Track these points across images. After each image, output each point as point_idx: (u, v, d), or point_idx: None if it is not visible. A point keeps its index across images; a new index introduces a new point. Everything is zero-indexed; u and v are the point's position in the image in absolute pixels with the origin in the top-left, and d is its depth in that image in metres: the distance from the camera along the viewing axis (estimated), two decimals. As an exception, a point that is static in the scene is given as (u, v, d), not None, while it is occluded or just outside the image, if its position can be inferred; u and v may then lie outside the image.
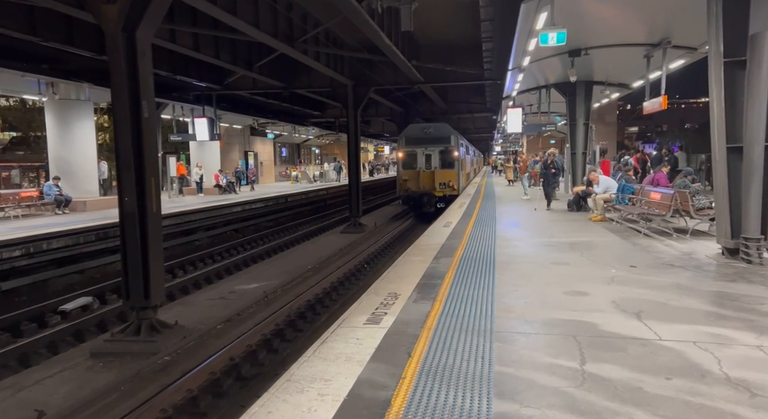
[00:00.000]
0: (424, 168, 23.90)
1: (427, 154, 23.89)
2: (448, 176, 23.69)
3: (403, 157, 24.39)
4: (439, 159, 23.90)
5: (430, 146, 23.93)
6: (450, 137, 23.99)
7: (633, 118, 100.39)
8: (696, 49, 13.70)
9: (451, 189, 23.50)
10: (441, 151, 23.87)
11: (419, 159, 23.98)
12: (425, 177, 23.79)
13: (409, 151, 24.20)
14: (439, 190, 23.60)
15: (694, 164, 24.00)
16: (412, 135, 24.44)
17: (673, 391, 3.68)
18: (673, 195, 10.42)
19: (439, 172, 23.77)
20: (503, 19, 12.97)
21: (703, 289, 6.47)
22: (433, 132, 24.18)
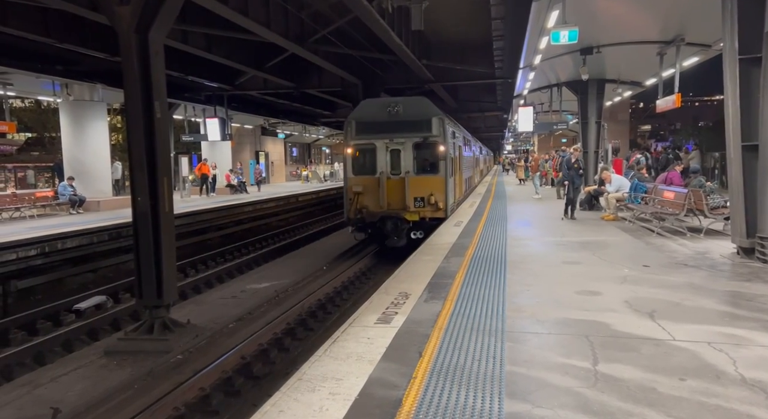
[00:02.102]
0: (388, 173, 14.10)
1: (394, 149, 14.12)
2: (428, 187, 14.05)
3: (353, 154, 14.43)
4: (414, 158, 14.11)
5: (399, 135, 14.04)
6: (431, 121, 13.98)
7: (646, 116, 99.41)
8: (710, 47, 13.52)
9: (433, 208, 13.94)
10: (417, 144, 14.08)
11: (380, 158, 14.15)
12: (391, 189, 14.09)
13: (362, 144, 14.32)
14: (413, 210, 13.93)
15: (708, 162, 23.71)
16: (368, 117, 14.33)
17: (688, 392, 3.64)
18: (687, 194, 10.30)
19: (413, 180, 13.98)
20: (514, 17, 12.89)
21: (717, 289, 6.39)
22: (404, 112, 14.02)
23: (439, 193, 13.91)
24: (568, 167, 14.03)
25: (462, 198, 19.03)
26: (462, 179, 18.89)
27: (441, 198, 13.91)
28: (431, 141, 13.99)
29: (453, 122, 17.36)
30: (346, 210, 14.38)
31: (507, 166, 54.60)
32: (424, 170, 14.15)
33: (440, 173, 13.99)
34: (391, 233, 13.88)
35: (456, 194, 16.48)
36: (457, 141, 16.83)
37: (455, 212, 15.38)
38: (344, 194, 14.47)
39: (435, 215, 13.90)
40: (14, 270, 11.43)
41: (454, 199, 16.03)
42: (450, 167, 14.59)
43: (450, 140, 14.68)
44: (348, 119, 14.45)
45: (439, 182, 14.00)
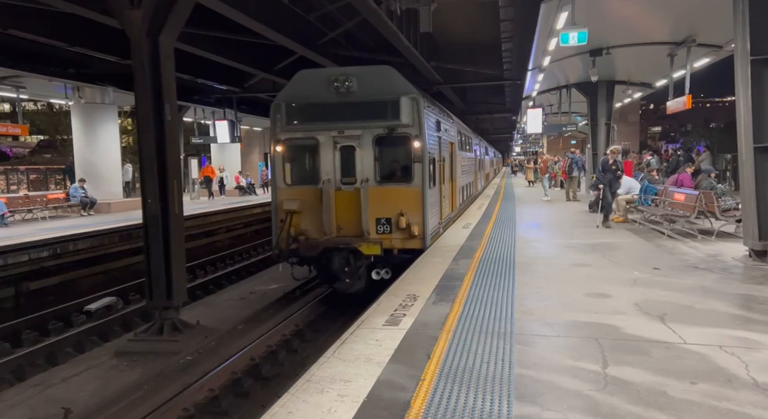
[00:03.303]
0: (337, 183, 9.74)
1: (346, 146, 9.74)
2: (397, 202, 9.61)
3: (284, 154, 10.01)
4: (377, 159, 9.72)
5: (353, 124, 9.65)
6: (400, 103, 9.42)
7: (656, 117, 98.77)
8: (722, 48, 13.42)
9: (404, 235, 9.55)
10: (380, 138, 9.64)
11: (324, 160, 9.78)
12: (341, 206, 9.66)
13: (297, 139, 9.98)
14: (373, 238, 9.50)
15: (719, 164, 23.50)
16: (305, 97, 9.80)
17: (699, 396, 3.61)
18: (698, 196, 10.22)
19: (375, 192, 9.58)
20: (523, 19, 12.87)
21: (729, 292, 6.33)
22: (359, 89, 9.57)
23: (413, 212, 9.33)
24: (604, 169, 12.46)
25: (456, 214, 14.22)
26: (456, 188, 13.91)
27: (416, 220, 9.34)
28: (401, 134, 9.31)
29: (439, 108, 12.05)
30: (274, 238, 9.72)
31: (515, 168, 54.48)
32: (390, 177, 9.62)
33: (414, 182, 9.37)
34: (340, 272, 9.29)
35: (444, 212, 11.60)
36: (446, 135, 12.08)
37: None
38: (272, 213, 9.92)
39: (407, 246, 9.32)
40: (26, 272, 11.55)
41: (441, 218, 11.19)
42: (433, 173, 10.15)
43: (432, 133, 10.15)
44: (275, 102, 9.70)
45: (413, 196, 9.36)
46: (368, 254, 9.26)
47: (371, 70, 9.89)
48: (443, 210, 11.70)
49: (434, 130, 10.59)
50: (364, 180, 9.47)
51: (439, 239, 10.89)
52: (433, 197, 10.32)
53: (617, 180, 12.45)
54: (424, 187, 9.48)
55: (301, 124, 9.70)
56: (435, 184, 10.41)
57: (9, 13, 11.86)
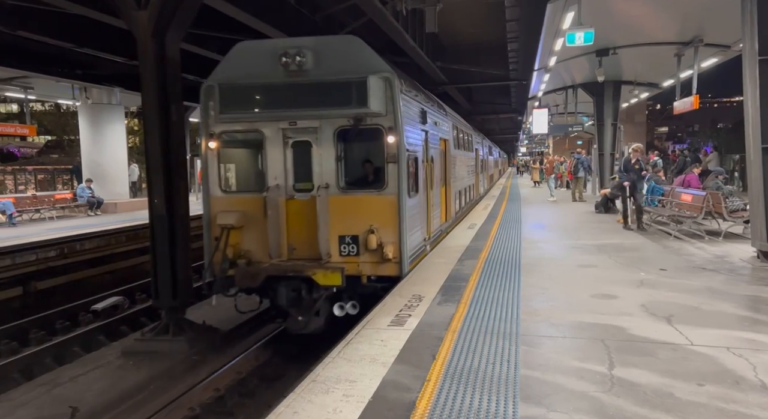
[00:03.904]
0: (288, 189, 7.64)
1: (299, 142, 7.63)
2: (366, 215, 7.40)
3: (219, 151, 7.79)
4: (339, 159, 7.52)
5: (307, 112, 7.41)
6: (367, 84, 7.04)
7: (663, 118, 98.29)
8: (729, 48, 13.35)
9: (375, 258, 7.32)
10: (343, 132, 7.46)
11: (271, 159, 7.64)
12: (294, 220, 7.58)
13: (235, 132, 7.85)
14: (334, 263, 7.31)
15: (727, 165, 23.35)
16: (246, 77, 7.45)
17: (706, 397, 3.59)
18: (705, 197, 10.16)
19: (338, 202, 7.41)
20: (529, 19, 12.85)
21: (737, 293, 6.29)
22: (315, 66, 7.32)
23: (387, 227, 7.24)
24: (627, 168, 11.62)
25: (451, 225, 12.21)
26: (450, 193, 11.79)
27: (391, 238, 7.23)
28: (370, 125, 7.24)
29: (425, 96, 9.73)
30: (206, 262, 7.60)
31: (521, 168, 54.37)
32: (358, 182, 7.65)
33: (388, 189, 7.26)
34: (291, 308, 7.23)
35: (432, 224, 9.48)
36: (435, 130, 9.98)
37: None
38: (204, 229, 7.73)
39: (378, 272, 7.28)
40: (34, 271, 11.62)
41: (427, 233, 9.07)
42: (415, 177, 8.05)
43: (413, 126, 8.08)
44: (206, 84, 7.50)
45: (387, 207, 7.27)
46: (326, 285, 6.95)
47: (331, 42, 7.71)
48: (431, 223, 9.43)
49: (417, 122, 8.41)
50: (323, 186, 7.24)
51: (445, 239, 10.81)
52: (415, 208, 8.08)
53: (642, 180, 11.80)
54: (401, 195, 7.24)
55: (240, 112, 7.43)
56: (418, 191, 8.19)
57: (17, 14, 11.95)
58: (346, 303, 7.24)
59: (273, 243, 7.39)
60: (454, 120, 13.43)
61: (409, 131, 7.76)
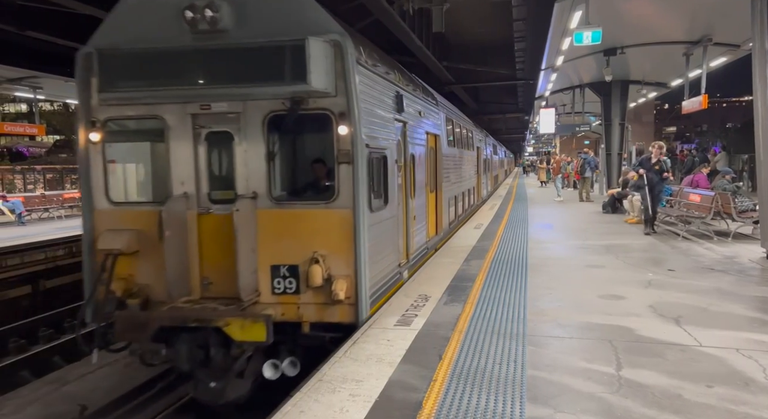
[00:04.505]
0: (201, 200, 5.54)
1: (215, 133, 5.56)
2: (307, 238, 5.31)
3: (104, 146, 5.68)
4: (271, 156, 5.43)
5: (224, 90, 5.23)
6: (306, 48, 4.86)
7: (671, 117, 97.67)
8: (739, 47, 13.24)
9: (319, 297, 5.29)
10: (275, 119, 5.36)
11: (176, 159, 5.55)
12: (212, 243, 5.43)
13: (126, 121, 5.77)
14: (262, 305, 5.35)
15: (736, 165, 23.18)
16: (136, 43, 5.23)
17: (715, 399, 3.56)
18: (714, 197, 10.09)
19: (270, 216, 5.36)
20: (536, 18, 12.80)
21: (746, 294, 6.24)
22: (236, 25, 5.18)
23: (337, 254, 5.37)
24: (646, 167, 10.74)
25: (442, 238, 10.24)
26: (440, 201, 9.84)
27: (343, 269, 5.36)
28: (313, 110, 5.36)
29: (401, 74, 7.58)
30: (87, 299, 5.66)
31: (527, 168, 54.24)
32: (298, 191, 5.89)
33: (339, 201, 5.36)
34: (197, 369, 5.23)
35: (412, 243, 7.52)
36: (418, 122, 8.06)
37: (434, 258, 8.67)
38: (84, 254, 5.77)
39: (326, 318, 5.40)
40: (42, 270, 11.72)
41: (405, 256, 7.15)
42: (383, 183, 6.14)
43: (380, 112, 6.15)
44: (83, 51, 5.68)
45: (338, 226, 5.38)
46: (246, 340, 4.89)
47: None
48: (410, 241, 7.37)
49: (389, 108, 6.44)
50: (247, 196, 5.30)
51: (452, 239, 10.73)
52: (383, 225, 6.00)
53: (662, 181, 10.87)
54: (359, 208, 5.24)
55: (130, 91, 5.33)
56: (388, 201, 6.15)
57: (26, 14, 12.05)
58: (282, 361, 5.20)
59: (175, 276, 5.30)
60: (447, 112, 11.32)
61: (374, 120, 5.75)
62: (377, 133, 5.85)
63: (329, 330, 5.36)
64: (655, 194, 10.80)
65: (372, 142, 5.61)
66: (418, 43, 13.46)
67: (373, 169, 5.69)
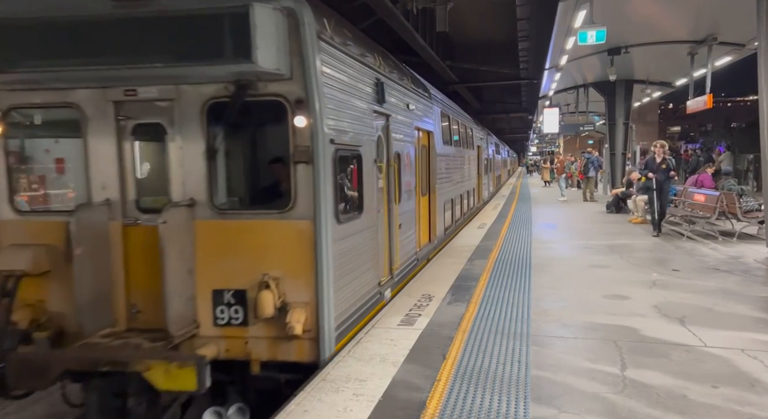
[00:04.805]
0: (129, 207, 4.64)
1: (142, 125, 4.64)
2: (257, 256, 4.33)
3: (5, 141, 4.73)
4: (211, 154, 4.43)
5: (154, 74, 4.26)
6: (249, 19, 3.77)
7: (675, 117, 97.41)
8: (744, 46, 13.19)
9: (272, 330, 4.33)
10: (215, 107, 4.39)
11: (95, 157, 4.60)
12: (141, 262, 4.50)
13: (30, 110, 4.74)
14: (203, 339, 4.38)
15: (741, 164, 23.09)
16: (39, 11, 4.01)
17: (720, 400, 3.55)
18: (719, 197, 10.05)
19: (211, 229, 4.43)
20: (540, 17, 12.77)
21: (751, 294, 6.21)
22: None
23: (295, 278, 4.37)
24: (653, 168, 10.45)
25: (437, 245, 9.30)
26: (436, 205, 9.06)
27: (302, 294, 4.36)
28: (263, 96, 4.34)
29: (384, 58, 6.77)
30: None
31: (531, 168, 54.13)
32: (246, 198, 5.02)
33: (297, 211, 4.36)
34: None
35: (399, 256, 6.68)
36: (406, 114, 7.17)
37: (437, 258, 8.71)
38: None
39: (281, 357, 4.39)
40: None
41: (387, 274, 6.14)
42: (359, 186, 5.31)
43: (357, 102, 5.29)
44: None
45: (295, 242, 4.38)
46: (170, 390, 3.99)
47: None
48: (395, 254, 6.42)
49: (365, 97, 5.45)
50: (182, 204, 4.39)
51: (455, 238, 10.75)
52: (356, 239, 5.02)
53: (669, 180, 10.48)
54: (321, 219, 4.30)
55: (34, 70, 4.24)
56: (363, 209, 5.21)
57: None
58: (228, 407, 4.31)
59: (88, 303, 4.32)
60: (442, 107, 10.35)
61: (343, 111, 4.78)
62: (348, 126, 4.89)
63: (285, 371, 4.36)
64: (663, 195, 10.55)
65: (340, 137, 4.64)
66: (421, 43, 13.44)
67: (341, 170, 4.74)
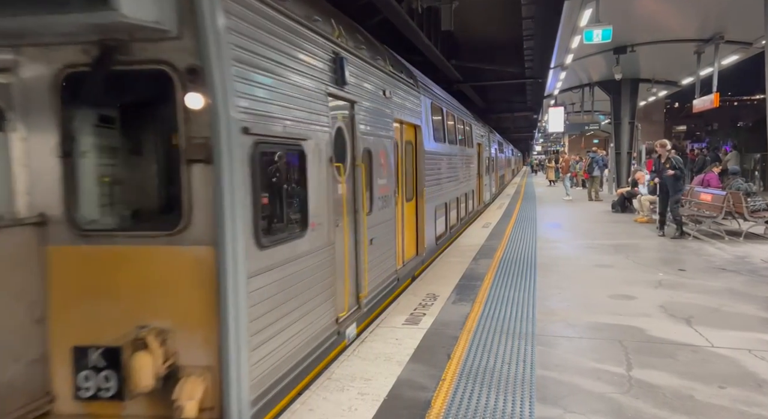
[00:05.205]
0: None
1: None
2: (136, 297, 3.09)
3: None
4: (66, 149, 3.14)
5: None
6: None
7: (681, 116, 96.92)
8: (751, 45, 13.10)
9: (156, 409, 3.05)
10: (72, 80, 3.09)
11: None
12: None
13: None
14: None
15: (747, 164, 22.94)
16: None
17: (728, 400, 3.52)
18: (726, 196, 9.99)
19: (67, 258, 3.16)
20: (546, 16, 12.72)
21: (758, 294, 6.17)
22: None
23: (189, 328, 3.10)
24: (658, 168, 10.35)
25: (426, 258, 8.22)
26: (423, 212, 7.91)
27: (200, 356, 3.08)
28: (141, 65, 3.07)
29: (345, 24, 5.47)
30: None
31: (536, 167, 54.01)
32: (120, 212, 3.44)
33: (193, 231, 3.08)
34: None
35: (372, 278, 5.54)
36: (383, 104, 6.10)
37: (441, 258, 8.56)
38: None
39: None
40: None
41: (345, 311, 4.85)
42: (302, 196, 3.99)
43: (296, 77, 3.88)
44: None
45: (191, 274, 3.08)
46: None
47: None
48: (361, 280, 5.19)
49: (314, 73, 4.20)
50: (27, 221, 3.22)
51: (460, 238, 10.74)
52: (293, 268, 3.80)
53: (678, 181, 10.10)
54: (226, 245, 3.01)
55: None
56: (307, 226, 4.01)
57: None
58: None
59: None
60: (433, 98, 9.10)
61: (271, 87, 3.54)
62: (280, 111, 3.57)
63: None
64: (671, 196, 10.26)
65: (264, 125, 3.33)
66: (426, 42, 13.42)
67: (265, 172, 3.42)
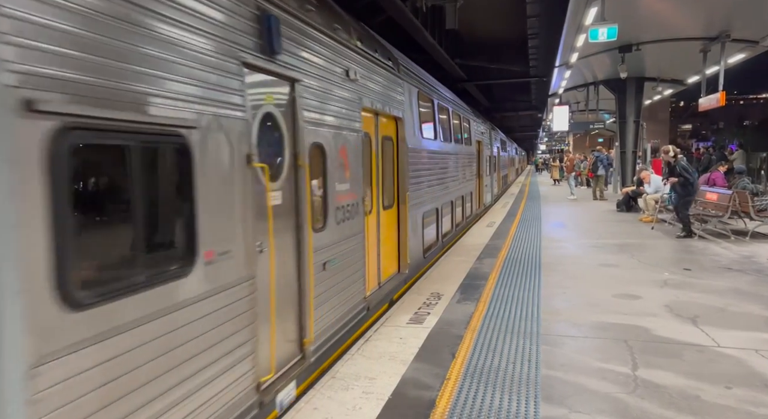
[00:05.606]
0: None
1: None
2: None
3: None
4: None
5: None
6: None
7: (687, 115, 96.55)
8: (758, 43, 13.02)
9: None
10: None
11: None
12: None
13: None
14: None
15: (753, 163, 22.80)
16: None
17: (734, 401, 3.50)
18: (732, 195, 9.94)
19: None
20: (550, 15, 12.69)
21: (765, 294, 6.13)
22: None
23: None
24: (671, 171, 10.41)
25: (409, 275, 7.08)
26: (407, 218, 6.93)
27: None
28: None
29: None
30: None
31: (540, 166, 53.88)
32: None
33: None
34: None
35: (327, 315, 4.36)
36: (348, 90, 4.97)
37: (445, 257, 8.57)
38: None
39: None
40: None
41: (275, 370, 3.50)
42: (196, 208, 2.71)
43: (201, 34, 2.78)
44: None
45: None
46: None
47: None
48: (305, 323, 3.98)
49: (221, 33, 2.97)
50: None
51: (464, 237, 10.70)
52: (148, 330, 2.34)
53: (685, 187, 10.08)
54: None
55: None
56: (197, 258, 2.71)
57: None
58: None
59: None
60: (419, 85, 8.12)
61: (107, 31, 2.20)
62: (128, 76, 2.33)
63: None
64: (683, 197, 10.25)
65: (83, 98, 2.09)
66: (430, 40, 13.39)
67: (88, 179, 2.31)
